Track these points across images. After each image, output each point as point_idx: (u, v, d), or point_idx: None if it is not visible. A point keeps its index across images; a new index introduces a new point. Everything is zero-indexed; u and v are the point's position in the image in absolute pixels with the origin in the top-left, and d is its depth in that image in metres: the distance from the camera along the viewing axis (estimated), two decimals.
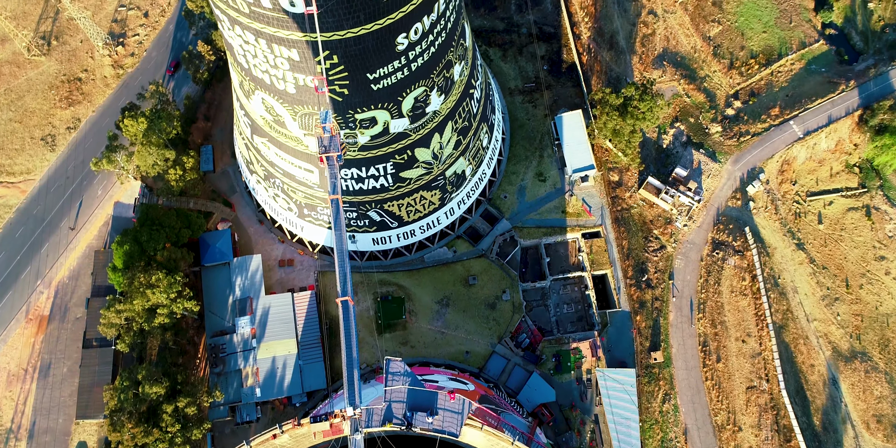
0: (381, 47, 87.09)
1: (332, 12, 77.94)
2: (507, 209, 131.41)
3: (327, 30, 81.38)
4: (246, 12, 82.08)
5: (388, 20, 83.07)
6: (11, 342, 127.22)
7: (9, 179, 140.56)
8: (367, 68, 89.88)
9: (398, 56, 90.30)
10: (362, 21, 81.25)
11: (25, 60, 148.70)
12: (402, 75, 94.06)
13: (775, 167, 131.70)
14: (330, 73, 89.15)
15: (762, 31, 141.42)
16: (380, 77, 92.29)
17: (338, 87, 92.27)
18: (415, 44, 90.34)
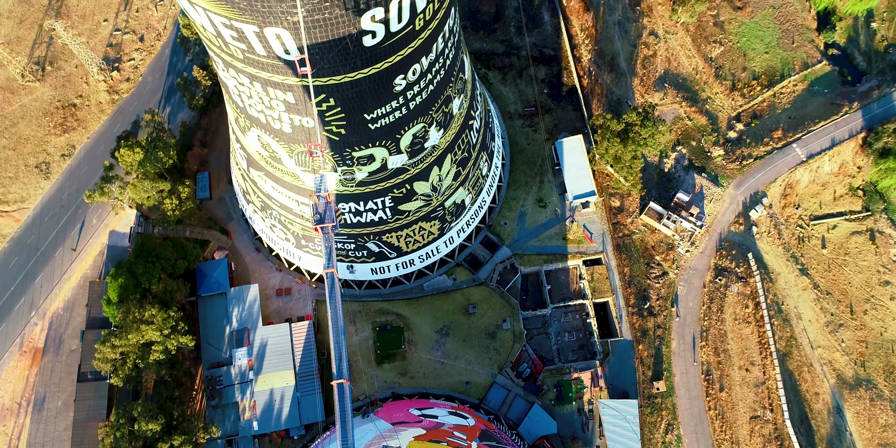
0: (379, 89, 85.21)
1: (328, 59, 75.93)
2: (507, 236, 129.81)
3: (323, 75, 79.46)
4: (240, 58, 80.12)
5: (385, 64, 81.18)
6: (5, 375, 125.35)
7: (2, 208, 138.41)
8: (365, 109, 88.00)
9: (396, 96, 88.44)
10: (359, 66, 79.36)
11: (19, 86, 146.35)
12: (400, 114, 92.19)
13: (778, 191, 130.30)
14: (326, 114, 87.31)
15: (764, 52, 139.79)
16: (377, 117, 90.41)
17: (335, 128, 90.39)
18: (413, 84, 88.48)
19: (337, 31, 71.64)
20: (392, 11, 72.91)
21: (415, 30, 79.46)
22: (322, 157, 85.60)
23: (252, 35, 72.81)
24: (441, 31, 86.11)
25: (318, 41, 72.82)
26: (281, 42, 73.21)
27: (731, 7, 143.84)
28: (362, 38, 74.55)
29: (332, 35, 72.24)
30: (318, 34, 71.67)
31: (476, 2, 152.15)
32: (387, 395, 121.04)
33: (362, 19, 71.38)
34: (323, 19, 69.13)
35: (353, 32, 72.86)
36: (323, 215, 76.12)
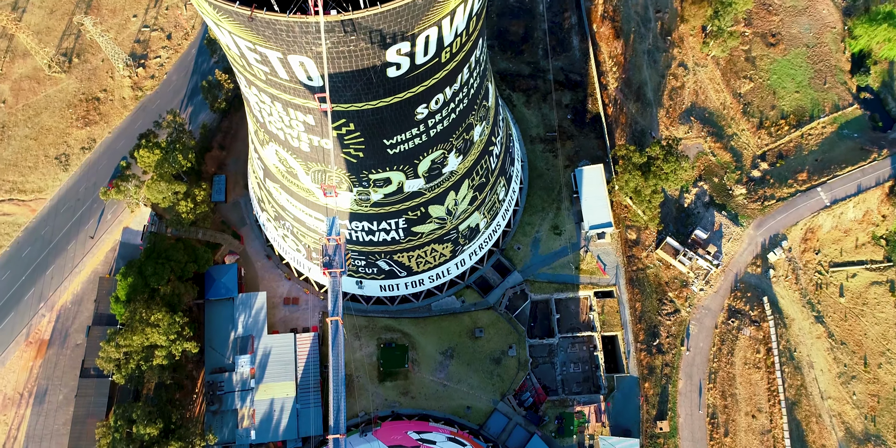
0: (400, 117, 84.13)
1: (350, 87, 74.93)
2: (520, 261, 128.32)
3: (344, 102, 78.53)
4: (262, 79, 79.32)
5: (408, 94, 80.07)
6: (10, 365, 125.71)
7: (20, 197, 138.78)
8: (384, 135, 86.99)
9: (416, 124, 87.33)
10: (381, 95, 78.31)
11: (45, 77, 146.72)
12: (420, 141, 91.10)
13: (799, 235, 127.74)
14: (345, 137, 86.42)
15: (795, 91, 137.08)
16: (396, 143, 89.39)
17: (353, 150, 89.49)
18: (435, 112, 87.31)
19: (361, 62, 70.61)
20: (418, 45, 71.76)
21: (440, 62, 78.29)
22: (336, 196, 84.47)
23: (276, 60, 71.98)
24: (467, 62, 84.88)
25: (342, 71, 71.85)
26: (304, 69, 72.29)
27: (764, 43, 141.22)
28: (386, 69, 73.49)
29: (356, 66, 71.22)
30: (341, 64, 70.70)
31: (505, 22, 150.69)
32: (386, 413, 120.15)
33: (387, 52, 70.28)
34: (348, 51, 68.12)
35: (378, 64, 71.81)
36: (332, 259, 74.56)
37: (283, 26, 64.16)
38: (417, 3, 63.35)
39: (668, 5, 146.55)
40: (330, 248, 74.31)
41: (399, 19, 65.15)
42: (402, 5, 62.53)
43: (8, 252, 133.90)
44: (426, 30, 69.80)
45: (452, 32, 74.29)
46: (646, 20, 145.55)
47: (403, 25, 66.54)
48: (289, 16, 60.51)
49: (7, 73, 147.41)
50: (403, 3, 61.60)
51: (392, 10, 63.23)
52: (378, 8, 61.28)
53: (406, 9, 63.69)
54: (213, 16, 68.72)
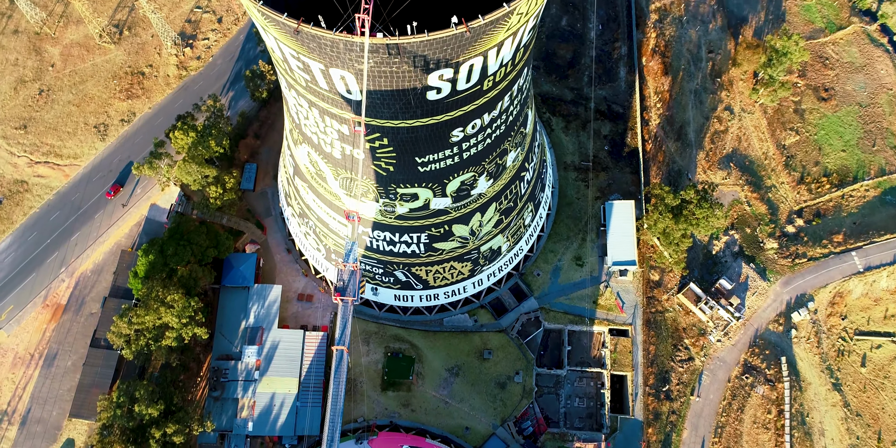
0: (434, 138, 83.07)
1: (387, 105, 74.02)
2: (538, 288, 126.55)
3: (381, 117, 77.66)
4: (302, 85, 78.76)
5: (445, 117, 78.95)
6: (24, 325, 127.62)
7: (56, 161, 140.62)
8: (417, 153, 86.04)
9: (450, 146, 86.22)
10: (418, 115, 77.30)
11: (95, 45, 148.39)
12: (452, 162, 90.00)
13: (826, 298, 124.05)
14: (378, 150, 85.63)
15: (841, 150, 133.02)
16: (428, 161, 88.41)
17: (384, 164, 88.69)
18: (470, 136, 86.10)
19: (402, 83, 69.64)
20: (461, 73, 70.55)
21: (482, 89, 77.00)
22: (357, 222, 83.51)
23: (317, 71, 71.32)
24: (509, 91, 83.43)
25: (382, 89, 70.94)
26: (344, 82, 71.53)
27: (816, 96, 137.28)
28: (426, 92, 72.43)
29: (397, 86, 70.27)
30: (382, 83, 69.78)
31: (554, 44, 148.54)
32: (385, 422, 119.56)
33: (429, 77, 69.19)
34: (389, 71, 67.16)
35: (418, 87, 70.77)
36: (346, 285, 73.13)
37: (328, 42, 63.44)
38: (465, 35, 62.10)
39: (722, 47, 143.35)
40: (345, 273, 73.00)
41: (444, 47, 64.02)
42: (449, 35, 61.36)
43: (37, 214, 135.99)
44: (471, 59, 68.58)
45: (498, 62, 72.98)
46: (697, 59, 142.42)
47: (448, 53, 65.38)
48: (334, 33, 59.72)
49: (59, 38, 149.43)
50: (450, 33, 60.42)
51: (438, 39, 62.07)
52: (424, 36, 60.17)
53: (453, 38, 62.52)
54: (260, 21, 68.29)
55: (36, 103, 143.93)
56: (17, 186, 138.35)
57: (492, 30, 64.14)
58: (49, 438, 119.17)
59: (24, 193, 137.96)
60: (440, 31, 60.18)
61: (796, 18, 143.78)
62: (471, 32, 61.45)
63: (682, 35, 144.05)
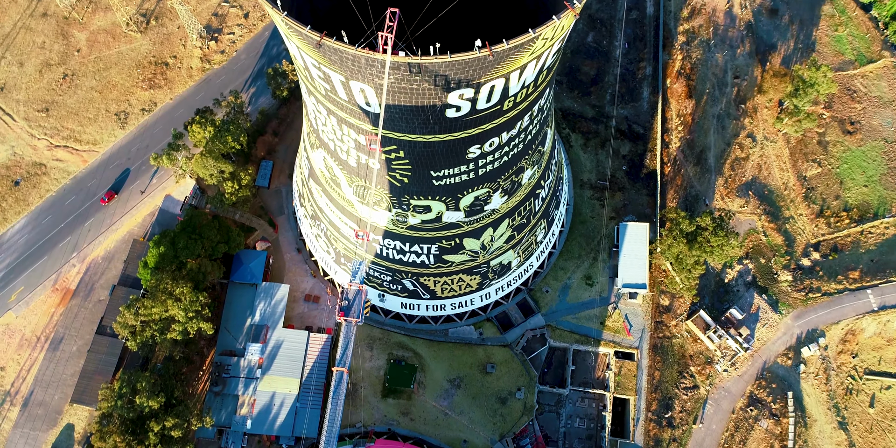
0: (451, 153, 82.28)
1: (406, 120, 73.32)
2: (545, 305, 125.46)
3: (399, 131, 76.99)
4: (322, 93, 78.24)
5: (463, 134, 78.12)
6: (33, 307, 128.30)
7: (75, 146, 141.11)
8: (432, 167, 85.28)
9: (467, 162, 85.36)
10: (436, 131, 76.53)
11: (121, 33, 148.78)
12: (468, 177, 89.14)
13: (838, 334, 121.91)
14: (393, 162, 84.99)
15: (863, 185, 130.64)
16: (443, 176, 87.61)
17: (398, 175, 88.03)
18: (487, 154, 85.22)
19: (421, 100, 68.92)
20: (482, 93, 69.69)
21: (502, 109, 76.10)
22: (367, 241, 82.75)
23: (338, 82, 70.74)
24: (529, 111, 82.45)
25: (401, 104, 70.22)
26: (364, 95, 70.90)
27: (841, 129, 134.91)
28: (446, 110, 71.65)
29: (416, 102, 69.55)
30: (401, 98, 69.06)
31: (578, 60, 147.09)
32: (383, 429, 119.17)
33: (449, 95, 68.40)
34: (409, 88, 66.43)
35: (438, 105, 70.02)
36: (350, 305, 72.18)
37: (350, 56, 62.81)
38: (488, 58, 61.23)
39: (749, 73, 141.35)
40: (351, 292, 72.20)
41: (467, 68, 63.19)
42: (472, 58, 60.48)
43: (53, 197, 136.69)
44: (493, 80, 67.73)
45: (520, 84, 72.06)
46: (722, 83, 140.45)
47: (470, 74, 64.57)
48: (356, 49, 59.05)
49: (87, 23, 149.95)
50: (473, 56, 59.53)
51: (461, 61, 61.23)
52: (447, 57, 59.35)
53: (475, 61, 61.65)
54: (283, 28, 67.78)
55: (59, 87, 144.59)
56: (35, 169, 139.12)
57: (515, 53, 63.26)
58: (49, 422, 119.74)
59: (41, 176, 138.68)
60: (463, 54, 59.34)
61: (826, 49, 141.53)
62: (494, 56, 60.59)
63: (709, 58, 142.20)
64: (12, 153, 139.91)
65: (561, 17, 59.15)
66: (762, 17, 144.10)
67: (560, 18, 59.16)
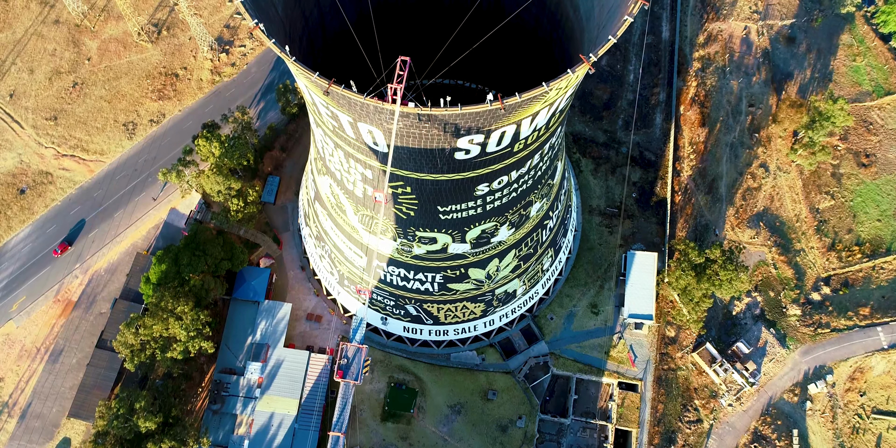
0: (459, 190, 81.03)
1: (414, 160, 72.01)
2: (549, 332, 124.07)
3: (407, 169, 75.78)
4: (329, 129, 77.00)
5: (472, 174, 76.80)
6: (34, 318, 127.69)
7: (82, 155, 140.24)
8: (439, 202, 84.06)
9: (475, 198, 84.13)
10: (444, 171, 75.33)
11: (133, 43, 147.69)
12: (475, 212, 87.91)
13: (846, 372, 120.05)
14: (400, 196, 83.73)
15: (877, 219, 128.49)
16: (450, 211, 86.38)
17: (405, 208, 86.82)
18: (496, 191, 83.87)
19: (430, 144, 67.64)
20: (493, 138, 68.39)
21: (512, 151, 74.75)
22: (369, 297, 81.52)
23: (346, 122, 69.51)
24: (540, 150, 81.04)
25: (409, 146, 68.90)
26: (372, 136, 69.68)
27: (856, 162, 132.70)
28: (455, 153, 70.30)
29: (425, 146, 68.27)
30: (410, 141, 67.78)
31: (591, 84, 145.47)
32: None
33: (459, 140, 67.09)
34: (419, 133, 65.11)
35: (447, 148, 68.68)
36: (349, 363, 70.53)
37: (358, 102, 61.50)
38: (499, 111, 59.89)
39: (764, 101, 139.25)
40: (350, 350, 70.66)
41: (477, 118, 61.87)
42: (483, 110, 59.08)
43: (58, 206, 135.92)
44: (504, 127, 66.36)
45: (531, 128, 70.73)
46: (736, 112, 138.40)
47: (481, 123, 63.29)
48: (365, 99, 57.70)
49: (98, 32, 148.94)
50: (484, 108, 58.12)
51: (471, 112, 59.86)
52: (457, 109, 57.96)
53: (486, 112, 60.26)
54: (291, 68, 66.52)
55: (69, 96, 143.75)
56: (41, 177, 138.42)
57: (527, 103, 61.89)
58: (46, 435, 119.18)
59: (47, 185, 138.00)
60: (474, 107, 57.95)
61: (843, 79, 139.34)
62: (505, 109, 59.23)
63: (724, 86, 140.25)
64: (19, 161, 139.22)
65: (576, 69, 57.74)
66: (779, 44, 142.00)
67: (575, 71, 57.75)
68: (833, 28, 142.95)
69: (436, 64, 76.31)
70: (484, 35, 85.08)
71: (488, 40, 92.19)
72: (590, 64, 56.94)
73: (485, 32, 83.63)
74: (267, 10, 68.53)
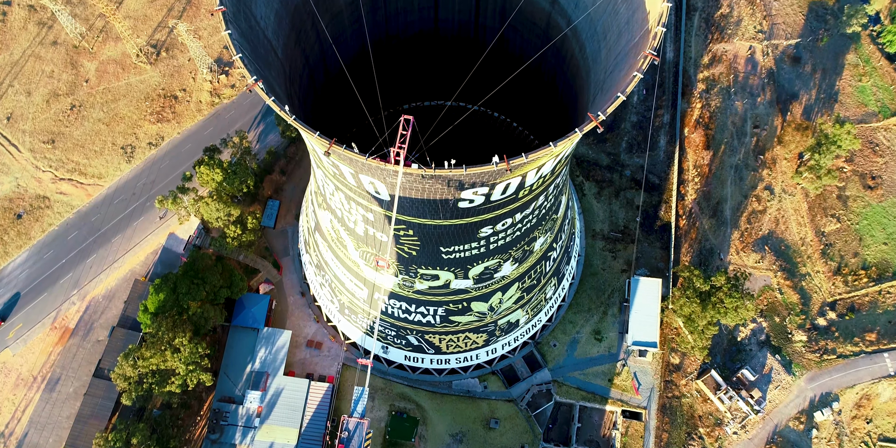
0: (462, 233, 79.79)
1: (416, 208, 70.62)
2: (552, 359, 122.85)
3: (409, 215, 74.40)
4: (330, 173, 75.58)
5: (476, 218, 75.42)
6: (31, 345, 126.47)
7: (79, 179, 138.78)
8: (442, 244, 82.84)
9: (478, 240, 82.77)
10: (447, 217, 74.00)
11: (131, 64, 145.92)
12: (478, 252, 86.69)
13: (852, 399, 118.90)
14: (402, 237, 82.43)
15: (883, 242, 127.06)
16: (453, 251, 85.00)
17: (406, 248, 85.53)
18: (499, 232, 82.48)
19: (433, 196, 66.25)
20: (497, 189, 67.02)
21: (517, 197, 73.34)
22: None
23: (347, 172, 68.12)
24: (545, 192, 79.64)
25: (411, 197, 67.51)
26: (374, 186, 68.32)
27: (862, 184, 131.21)
28: (458, 202, 68.92)
29: (427, 197, 66.89)
30: (413, 193, 66.40)
31: None
32: None
33: (463, 193, 65.73)
34: (422, 187, 63.73)
35: (451, 199, 67.28)
36: (350, 437, 69.41)
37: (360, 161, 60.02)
38: (504, 170, 58.52)
39: (769, 122, 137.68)
40: (351, 423, 69.39)
41: (482, 175, 60.49)
42: (489, 171, 57.67)
43: (55, 231, 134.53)
44: (509, 179, 64.97)
45: (537, 177, 69.32)
46: (741, 133, 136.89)
47: (485, 178, 61.90)
48: (367, 159, 56.26)
49: (97, 53, 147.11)
50: (490, 169, 56.70)
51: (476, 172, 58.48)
52: (461, 171, 56.54)
53: (493, 170, 58.87)
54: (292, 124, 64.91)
55: (66, 118, 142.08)
56: (38, 202, 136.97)
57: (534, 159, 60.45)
58: None
59: (44, 209, 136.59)
60: (480, 168, 56.53)
61: (849, 99, 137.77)
62: (511, 170, 57.88)
63: (728, 106, 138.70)
64: (16, 185, 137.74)
65: (584, 128, 56.36)
66: (784, 65, 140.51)
67: (583, 129, 56.36)
68: (839, 47, 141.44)
69: (438, 94, 74.48)
70: (487, 67, 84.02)
71: (491, 70, 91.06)
72: (598, 121, 55.57)
73: (487, 64, 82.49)
74: (267, 56, 67.08)
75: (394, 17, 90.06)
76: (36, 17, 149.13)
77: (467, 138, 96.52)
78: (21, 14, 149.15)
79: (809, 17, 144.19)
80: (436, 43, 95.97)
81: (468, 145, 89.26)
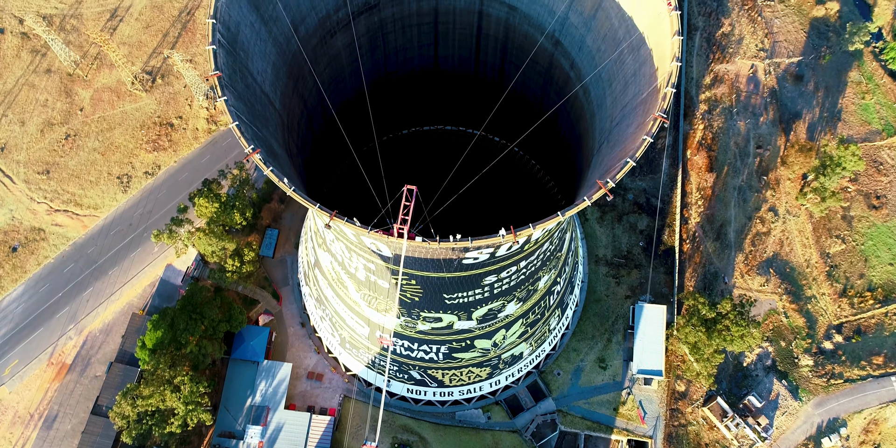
0: (466, 283, 78.53)
1: (420, 264, 69.17)
2: (557, 388, 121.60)
3: (413, 269, 72.88)
4: (331, 228, 74.01)
5: (480, 270, 73.96)
6: (27, 382, 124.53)
7: (75, 210, 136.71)
8: (445, 292, 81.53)
9: (482, 286, 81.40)
10: (452, 271, 72.51)
11: (126, 92, 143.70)
12: (482, 297, 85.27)
13: (860, 424, 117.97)
14: (405, 286, 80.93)
15: (889, 263, 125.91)
16: (456, 297, 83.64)
17: (409, 294, 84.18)
18: (504, 279, 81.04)
19: (438, 256, 64.77)
20: (502, 248, 65.47)
21: (522, 249, 71.86)
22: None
23: (349, 232, 66.53)
24: (550, 239, 78.15)
25: (415, 257, 66.02)
26: (376, 245, 66.78)
27: (867, 204, 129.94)
28: (463, 260, 67.43)
29: (432, 256, 65.40)
30: (417, 253, 64.89)
31: None
32: None
33: (467, 254, 64.23)
34: (426, 248, 62.20)
35: (455, 259, 65.81)
36: None
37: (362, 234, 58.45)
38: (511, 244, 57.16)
39: (772, 142, 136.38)
40: None
41: (488, 244, 59.02)
42: (495, 242, 56.13)
43: (51, 264, 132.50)
44: None
45: (542, 232, 67.85)
46: (744, 154, 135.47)
47: (490, 243, 60.37)
48: (369, 232, 54.72)
49: (91, 81, 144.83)
50: (496, 241, 55.18)
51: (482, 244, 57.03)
52: (467, 242, 55.13)
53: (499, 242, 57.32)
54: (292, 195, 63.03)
55: (61, 148, 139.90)
56: (33, 234, 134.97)
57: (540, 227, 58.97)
58: None
59: (40, 242, 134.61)
60: (486, 239, 55.13)
61: (852, 118, 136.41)
62: (518, 242, 56.41)
63: (731, 127, 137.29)
64: (11, 217, 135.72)
65: (592, 196, 54.91)
66: (786, 83, 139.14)
67: (591, 197, 54.91)
68: (841, 65, 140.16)
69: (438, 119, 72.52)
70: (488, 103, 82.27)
71: (491, 104, 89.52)
72: (607, 189, 54.17)
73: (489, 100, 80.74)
74: (264, 112, 65.46)
75: (393, 54, 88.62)
76: (29, 44, 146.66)
77: (469, 166, 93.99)
78: (14, 42, 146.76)
79: (811, 34, 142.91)
80: (436, 77, 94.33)
81: (470, 174, 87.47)
